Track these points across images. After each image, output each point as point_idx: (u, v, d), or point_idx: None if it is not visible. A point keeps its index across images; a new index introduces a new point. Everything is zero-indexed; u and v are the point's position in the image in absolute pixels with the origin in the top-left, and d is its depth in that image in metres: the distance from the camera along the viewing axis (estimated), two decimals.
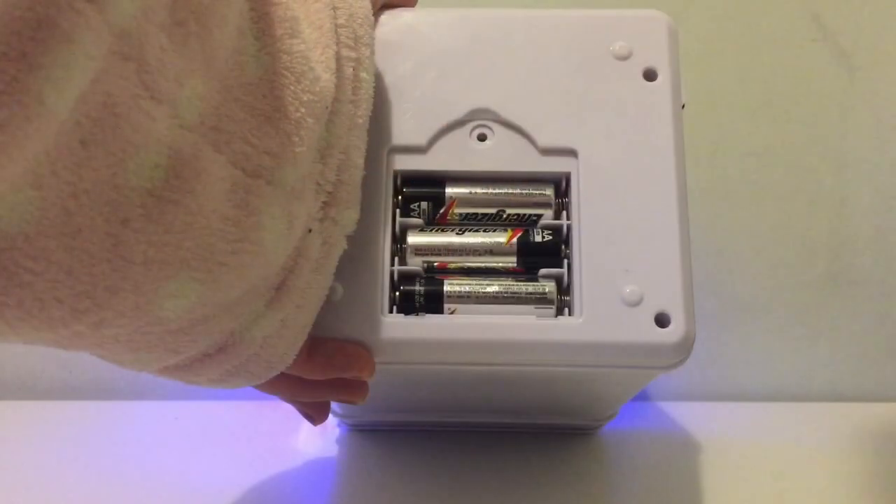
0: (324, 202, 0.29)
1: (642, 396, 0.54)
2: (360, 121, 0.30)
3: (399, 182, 0.34)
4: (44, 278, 0.20)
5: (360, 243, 0.32)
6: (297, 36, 0.26)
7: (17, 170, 0.18)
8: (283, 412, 0.51)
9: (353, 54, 0.29)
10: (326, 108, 0.27)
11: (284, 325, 0.29)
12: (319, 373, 0.32)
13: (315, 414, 0.38)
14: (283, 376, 0.32)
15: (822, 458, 0.50)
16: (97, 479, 0.48)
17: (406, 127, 0.33)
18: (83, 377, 0.55)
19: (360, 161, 0.31)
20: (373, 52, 0.31)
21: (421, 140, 0.33)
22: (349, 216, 0.30)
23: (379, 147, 0.33)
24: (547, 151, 0.33)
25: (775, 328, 0.56)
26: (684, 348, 0.31)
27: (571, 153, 0.33)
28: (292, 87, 0.26)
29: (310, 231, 0.29)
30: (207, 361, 0.28)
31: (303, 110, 0.26)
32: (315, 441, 0.50)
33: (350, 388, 0.34)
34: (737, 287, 0.56)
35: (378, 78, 0.33)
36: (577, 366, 0.32)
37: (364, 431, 0.51)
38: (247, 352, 0.29)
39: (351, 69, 0.29)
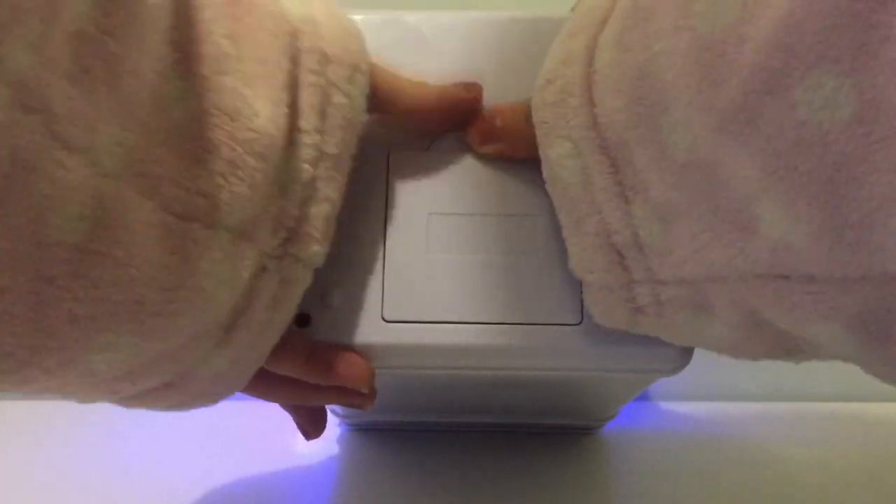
0: (284, 238, 0.28)
1: (642, 396, 0.54)
2: (333, 150, 0.28)
3: None
4: None
5: (359, 246, 0.31)
6: (228, 73, 0.25)
7: None
8: (282, 412, 0.51)
9: (319, 80, 0.28)
10: (273, 143, 0.26)
11: (235, 363, 0.28)
12: (321, 378, 0.31)
13: (311, 428, 0.37)
14: (286, 382, 0.31)
15: (822, 457, 0.50)
16: (98, 479, 0.48)
17: (406, 129, 0.33)
18: None
19: (333, 193, 0.29)
20: (358, 75, 0.29)
21: (422, 143, 0.33)
22: (314, 252, 0.29)
23: (379, 150, 0.33)
24: None
25: None
26: (686, 352, 0.31)
27: None
28: (226, 127, 0.24)
29: (264, 270, 0.27)
30: (155, 394, 0.28)
31: (239, 149, 0.25)
32: (315, 441, 0.50)
33: (355, 394, 0.33)
34: None
35: None
36: (577, 370, 0.32)
37: (364, 431, 0.51)
38: (195, 388, 0.28)
39: (317, 97, 0.28)
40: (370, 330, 0.31)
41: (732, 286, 0.24)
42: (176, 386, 0.27)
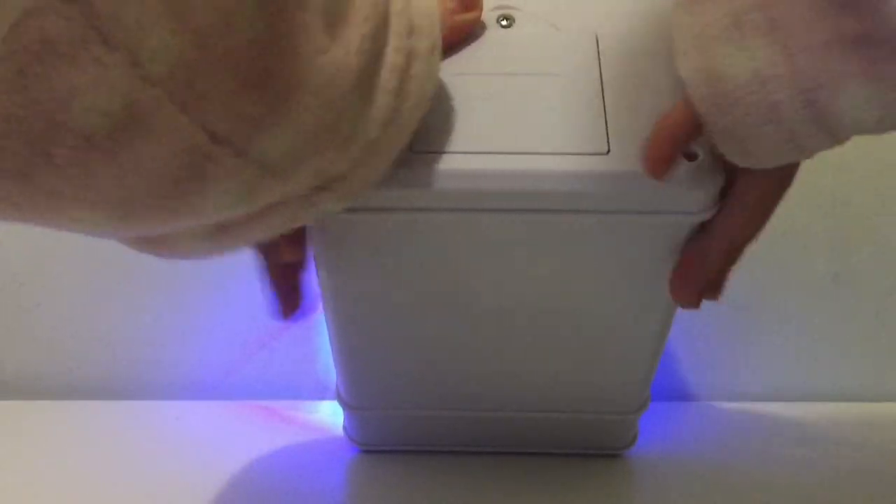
0: (317, 187, 0.28)
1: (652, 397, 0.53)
2: (403, 118, 0.28)
3: None
4: None
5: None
6: (308, 10, 0.24)
7: None
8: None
9: (404, 44, 0.28)
10: (332, 84, 0.25)
11: (214, 249, 0.29)
12: None
13: (286, 306, 0.37)
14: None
15: (822, 457, 0.50)
16: (97, 479, 0.48)
17: None
18: (83, 377, 0.55)
19: (382, 165, 0.29)
20: (437, 52, 0.30)
21: None
22: (330, 208, 0.29)
23: None
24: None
25: (776, 328, 0.56)
26: (713, 184, 0.31)
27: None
28: (287, 58, 0.24)
29: (284, 204, 0.28)
30: (144, 241, 0.29)
31: (294, 82, 0.24)
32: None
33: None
34: (737, 287, 0.56)
35: None
36: (605, 203, 0.32)
37: (376, 454, 0.50)
38: (180, 250, 0.29)
39: (401, 58, 0.28)
40: (398, 160, 0.30)
41: None
42: (162, 241, 0.28)
